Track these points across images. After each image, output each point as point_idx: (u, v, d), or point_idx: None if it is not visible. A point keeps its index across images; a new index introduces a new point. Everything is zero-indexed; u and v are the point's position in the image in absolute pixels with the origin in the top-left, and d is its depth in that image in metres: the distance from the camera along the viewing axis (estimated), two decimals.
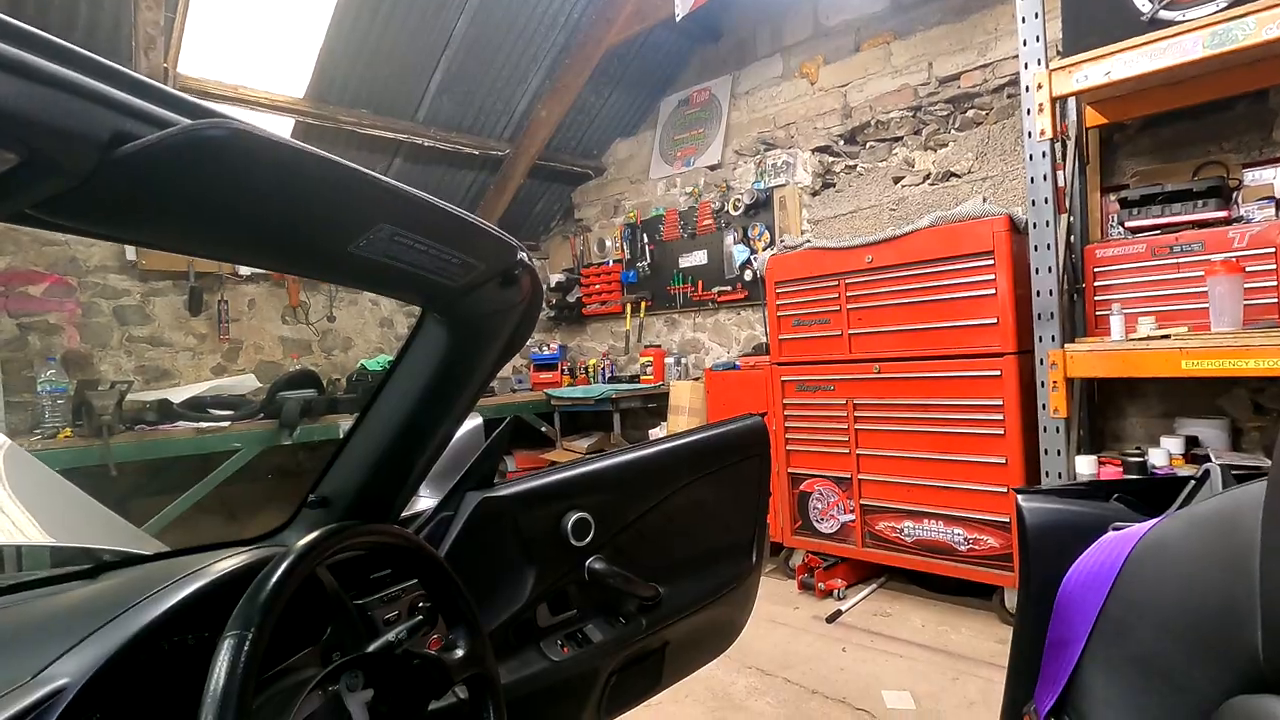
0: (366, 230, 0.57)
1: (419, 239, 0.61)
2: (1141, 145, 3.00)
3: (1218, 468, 0.75)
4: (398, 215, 0.58)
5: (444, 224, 0.64)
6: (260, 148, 0.46)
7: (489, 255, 0.70)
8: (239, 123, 0.45)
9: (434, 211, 0.62)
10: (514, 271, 0.74)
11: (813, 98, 4.24)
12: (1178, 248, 2.58)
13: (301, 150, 0.50)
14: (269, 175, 0.48)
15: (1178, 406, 2.89)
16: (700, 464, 1.55)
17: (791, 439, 3.38)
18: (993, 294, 2.70)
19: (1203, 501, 0.71)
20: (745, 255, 4.43)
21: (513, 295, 0.78)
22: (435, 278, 0.67)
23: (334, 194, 0.54)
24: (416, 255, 0.62)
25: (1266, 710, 0.58)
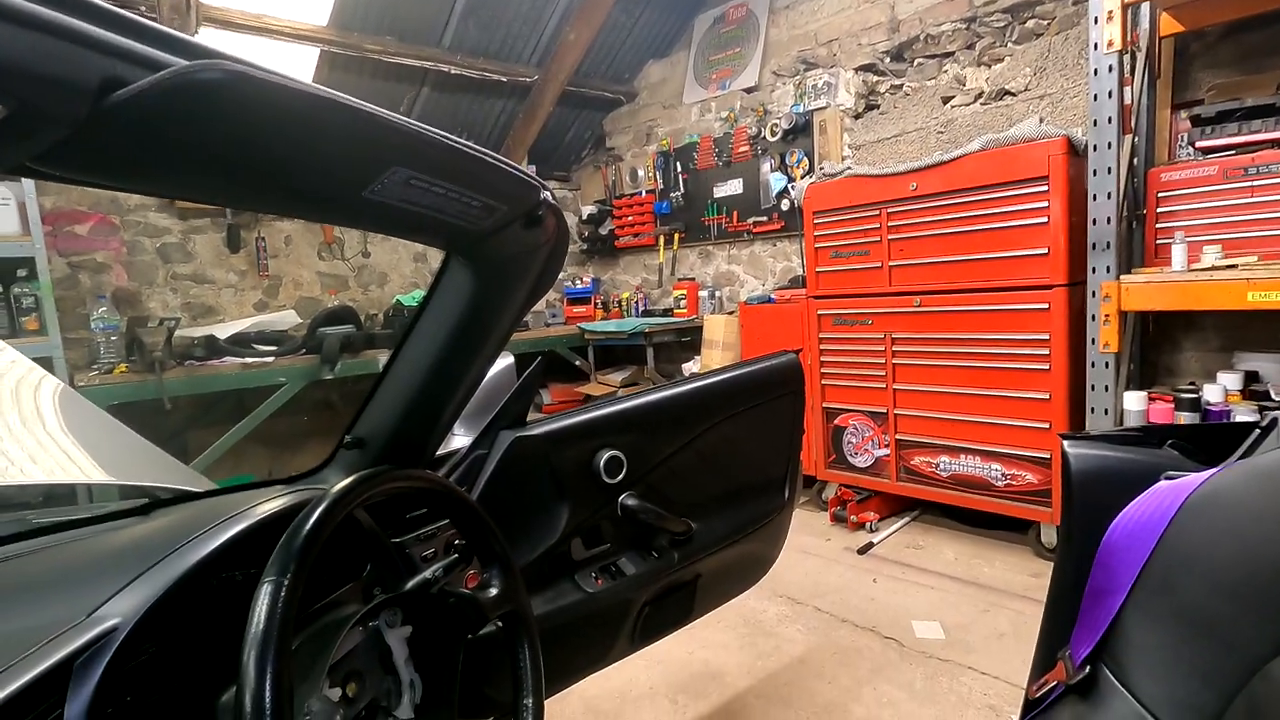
0: (381, 174, 0.54)
1: (437, 182, 0.58)
2: (1222, 55, 2.75)
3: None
4: (413, 158, 0.55)
5: (463, 165, 0.61)
6: (261, 90, 0.44)
7: (511, 196, 0.67)
8: (238, 63, 0.42)
9: (452, 153, 0.59)
10: (537, 212, 0.72)
11: (857, 10, 3.97)
12: (1254, 169, 2.39)
13: (307, 91, 0.47)
14: (272, 119, 0.46)
15: (1238, 340, 2.75)
16: (733, 402, 1.54)
17: (827, 373, 3.33)
18: (1044, 222, 2.56)
19: (1268, 453, 0.67)
20: (783, 184, 4.28)
21: (537, 236, 0.75)
22: (456, 221, 0.65)
23: (344, 137, 0.51)
24: (435, 199, 0.60)
25: None
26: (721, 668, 2.19)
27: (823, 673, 2.13)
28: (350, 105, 0.50)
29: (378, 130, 0.53)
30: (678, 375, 4.41)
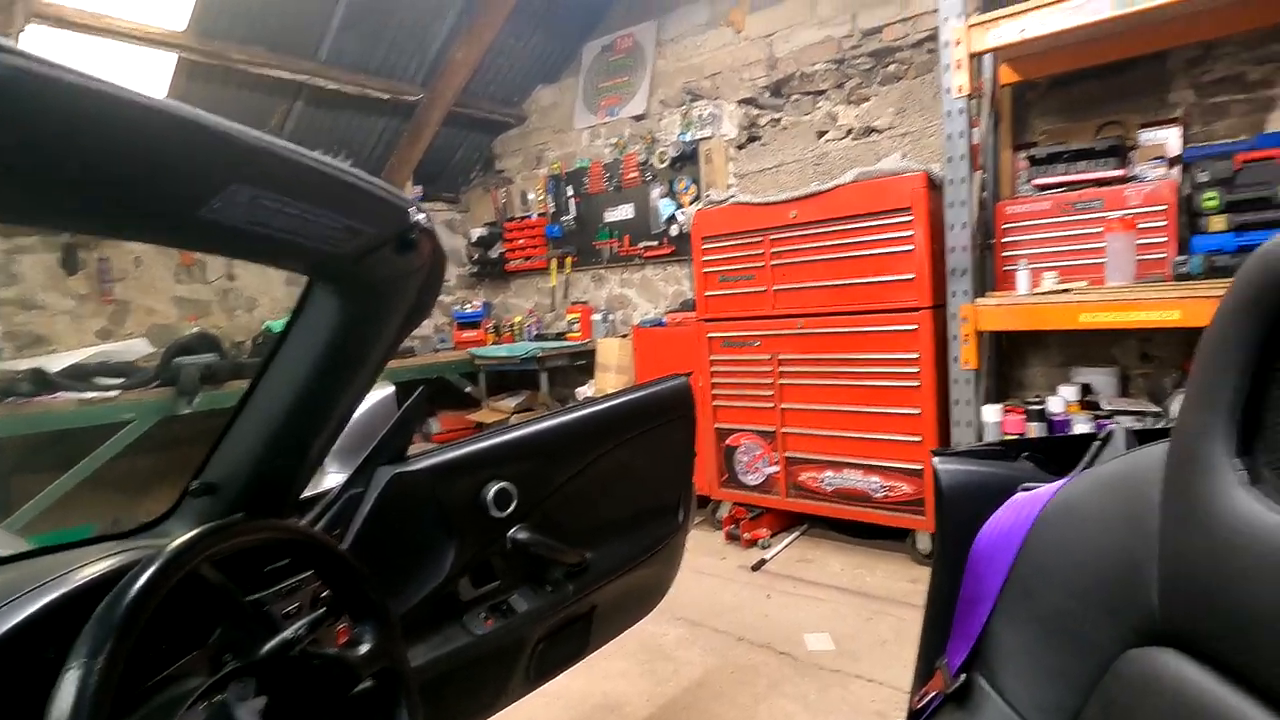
0: (218, 192, 0.48)
1: (290, 202, 0.53)
2: (1050, 104, 3.09)
3: (1121, 430, 0.78)
4: (259, 175, 0.50)
5: (321, 185, 0.55)
6: (57, 90, 0.37)
7: (378, 218, 0.62)
8: (25, 57, 0.36)
9: (308, 171, 0.53)
10: (410, 235, 0.67)
11: (738, 47, 4.16)
12: (1080, 205, 2.69)
13: (118, 95, 0.41)
14: (73, 125, 0.39)
15: (1076, 356, 3.07)
16: (625, 427, 1.52)
17: (719, 394, 3.41)
18: (911, 250, 2.76)
19: (1106, 463, 0.73)
20: (672, 209, 4.38)
21: (411, 260, 0.70)
22: (315, 245, 0.59)
23: (166, 148, 0.45)
24: (289, 220, 0.54)
25: (1160, 660, 0.60)
26: (622, 698, 2.15)
27: (722, 694, 2.13)
28: (173, 112, 0.44)
29: (211, 142, 0.47)
30: (572, 399, 4.38)
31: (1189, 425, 0.59)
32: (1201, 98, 2.75)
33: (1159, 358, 2.88)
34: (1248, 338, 0.54)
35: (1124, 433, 0.77)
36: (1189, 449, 0.59)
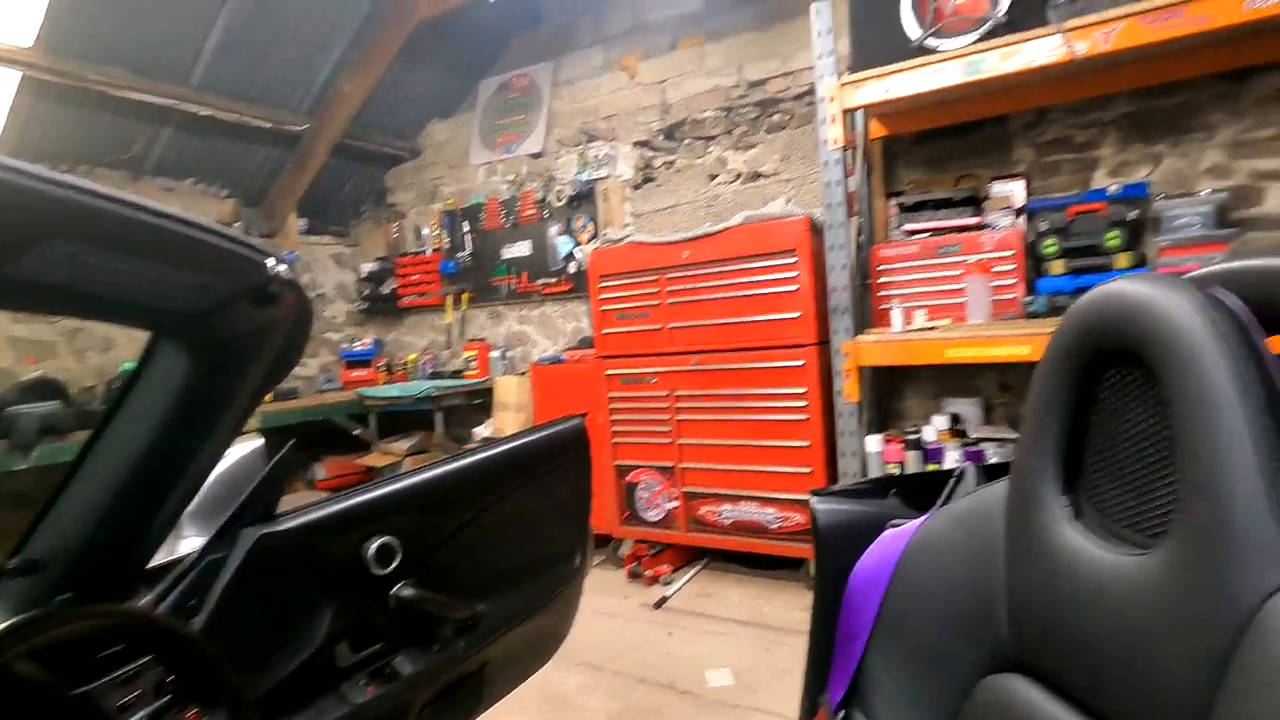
0: (25, 251, 0.43)
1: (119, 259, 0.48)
2: (916, 157, 3.38)
3: (971, 468, 0.84)
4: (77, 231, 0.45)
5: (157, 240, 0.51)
6: None
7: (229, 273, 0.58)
8: None
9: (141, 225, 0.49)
10: (267, 288, 0.63)
11: (633, 91, 4.29)
12: (943, 249, 2.94)
13: None
14: None
15: (946, 387, 3.31)
16: (519, 471, 1.49)
17: (618, 431, 3.41)
18: (796, 289, 2.90)
19: (960, 500, 0.79)
20: (570, 247, 4.40)
21: (272, 314, 0.66)
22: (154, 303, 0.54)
23: None
24: (121, 278, 0.50)
25: (1011, 686, 0.65)
26: None
27: None
28: None
29: (10, 196, 0.42)
30: (469, 439, 4.25)
31: (1022, 464, 0.65)
32: (1039, 156, 3.09)
33: (1016, 388, 3.16)
34: (1067, 385, 0.60)
35: (974, 470, 0.84)
36: (1023, 487, 0.64)
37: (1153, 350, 0.49)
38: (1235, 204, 2.67)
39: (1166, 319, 0.48)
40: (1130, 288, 0.52)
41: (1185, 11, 2.14)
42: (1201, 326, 0.47)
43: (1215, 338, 0.46)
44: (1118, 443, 0.56)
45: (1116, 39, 2.23)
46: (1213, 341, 0.46)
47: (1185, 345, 0.47)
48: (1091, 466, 0.59)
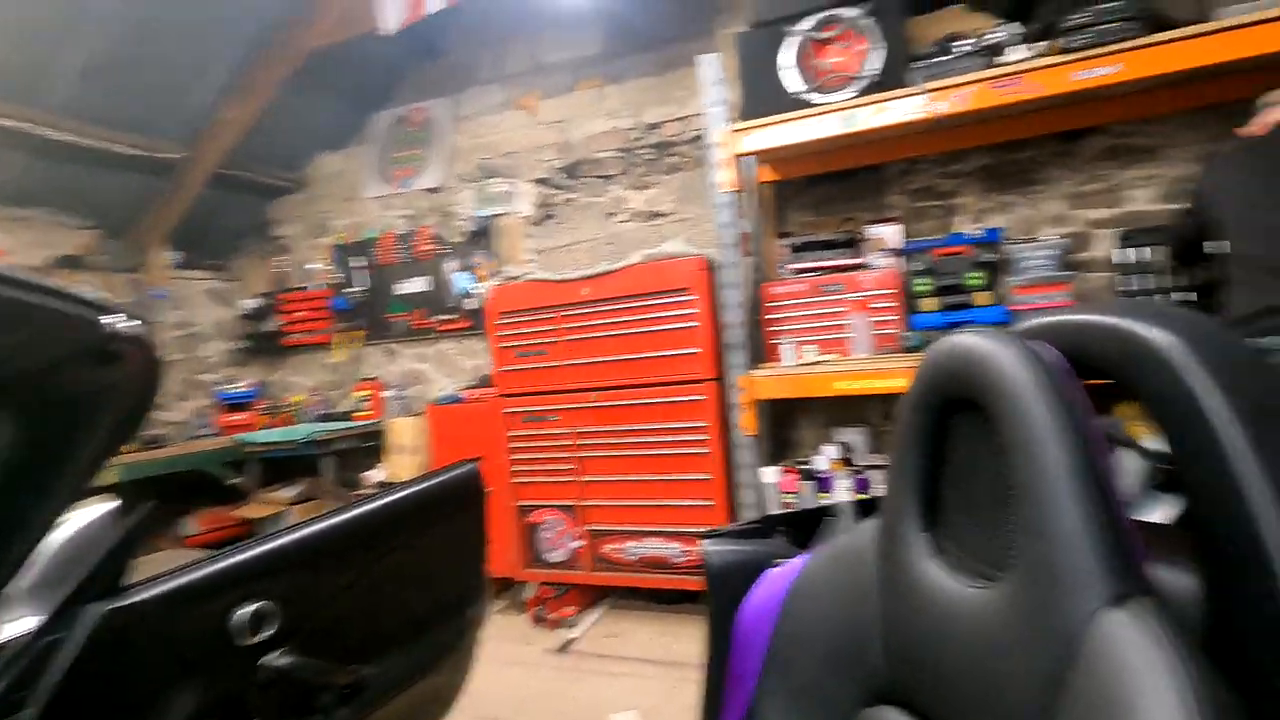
0: None
1: None
2: (803, 200, 3.58)
3: (848, 504, 0.89)
4: None
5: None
6: None
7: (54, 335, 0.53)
8: None
9: None
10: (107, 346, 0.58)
11: (533, 130, 4.32)
12: (828, 287, 3.12)
13: None
14: None
15: (836, 418, 3.48)
16: (412, 520, 1.42)
17: (519, 470, 3.35)
18: (695, 326, 2.98)
19: (837, 537, 0.82)
20: (468, 283, 4.33)
21: (113, 373, 0.61)
22: None
23: None
24: None
25: (884, 717, 0.67)
26: None
27: None
28: None
29: None
30: (361, 485, 4.03)
31: (889, 502, 0.69)
32: (910, 202, 3.36)
33: None
34: (923, 429, 0.65)
35: (850, 507, 0.88)
36: (890, 524, 0.68)
37: (988, 398, 0.54)
38: (1073, 248, 3.00)
39: (998, 370, 0.53)
40: (968, 341, 0.57)
41: (1024, 79, 2.41)
42: (1026, 377, 0.52)
43: (1037, 387, 0.51)
44: (969, 482, 0.61)
45: (971, 100, 2.48)
46: (1035, 390, 0.51)
47: (1013, 394, 0.52)
48: (948, 504, 0.64)
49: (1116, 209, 3.00)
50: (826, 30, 2.66)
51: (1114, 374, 0.56)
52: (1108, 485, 0.48)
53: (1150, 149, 2.94)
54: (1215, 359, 0.50)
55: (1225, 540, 0.48)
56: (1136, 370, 0.53)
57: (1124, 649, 0.41)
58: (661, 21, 3.91)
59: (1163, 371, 0.51)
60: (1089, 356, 0.57)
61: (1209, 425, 0.49)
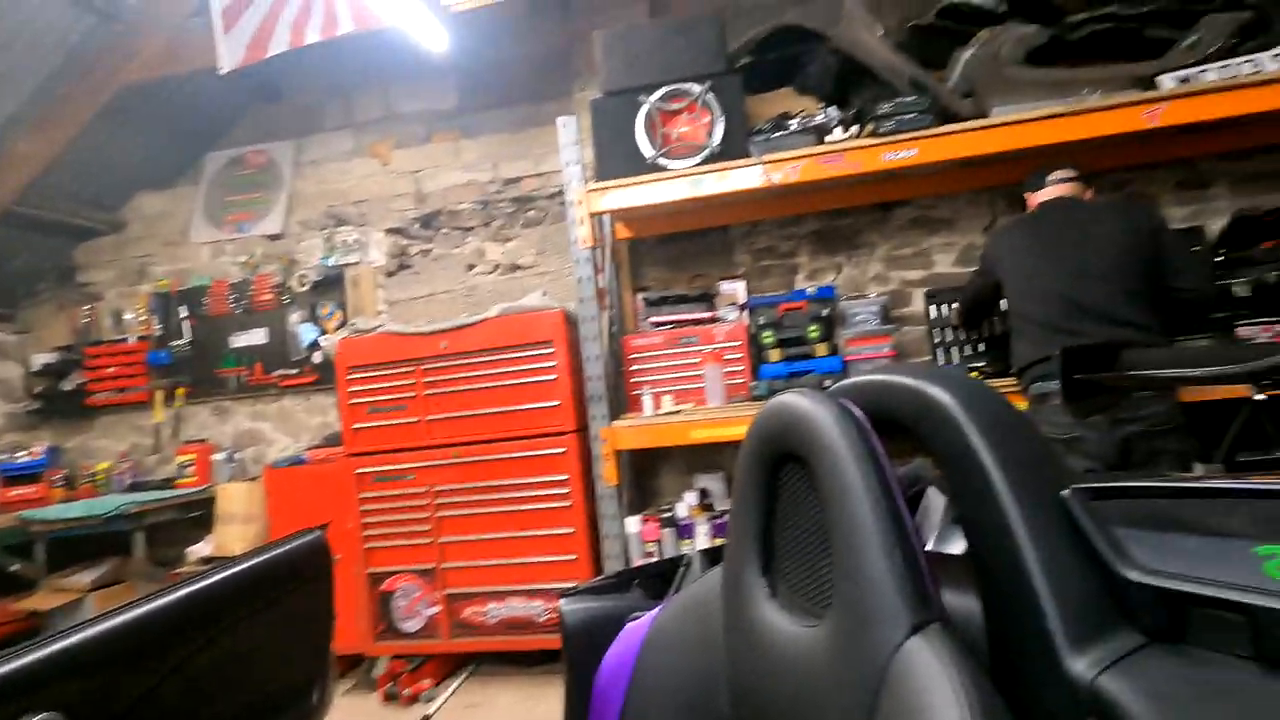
0: None
1: None
2: (657, 257, 3.75)
3: (697, 554, 0.93)
4: None
5: None
6: None
7: None
8: None
9: None
10: None
11: (386, 178, 4.21)
12: (684, 340, 3.27)
13: None
14: None
15: (695, 465, 3.60)
16: (241, 602, 1.29)
17: (371, 535, 3.13)
18: (555, 379, 2.99)
19: (687, 586, 0.86)
20: (315, 335, 4.06)
21: None
22: None
23: None
24: None
25: None
26: None
27: None
28: None
29: None
30: (182, 562, 3.57)
31: (730, 550, 0.73)
32: (755, 260, 3.63)
33: None
34: (758, 480, 0.70)
35: (699, 556, 0.92)
36: (733, 570, 0.73)
37: (808, 453, 0.61)
38: (893, 305, 3.37)
39: (816, 428, 0.60)
40: (791, 401, 0.64)
41: (845, 157, 2.72)
42: (838, 433, 0.58)
43: (847, 442, 0.58)
44: (797, 529, 0.66)
45: (801, 172, 2.75)
46: (845, 445, 0.58)
47: (828, 448, 0.58)
48: (781, 550, 0.69)
49: (925, 270, 3.43)
50: (674, 102, 2.86)
51: (910, 427, 0.65)
52: (905, 528, 0.55)
53: (949, 220, 3.41)
54: (984, 416, 0.60)
55: (998, 570, 0.56)
56: (926, 424, 0.62)
57: (919, 675, 0.47)
58: (519, 81, 4.01)
59: (945, 426, 0.60)
60: (889, 412, 0.65)
61: (983, 471, 0.58)
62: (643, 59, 2.89)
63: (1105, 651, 0.49)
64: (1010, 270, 2.43)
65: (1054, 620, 0.51)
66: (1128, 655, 0.48)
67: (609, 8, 3.66)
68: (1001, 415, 0.61)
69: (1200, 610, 0.47)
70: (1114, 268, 2.22)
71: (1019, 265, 2.40)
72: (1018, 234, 2.47)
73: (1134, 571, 0.50)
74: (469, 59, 3.93)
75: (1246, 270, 2.72)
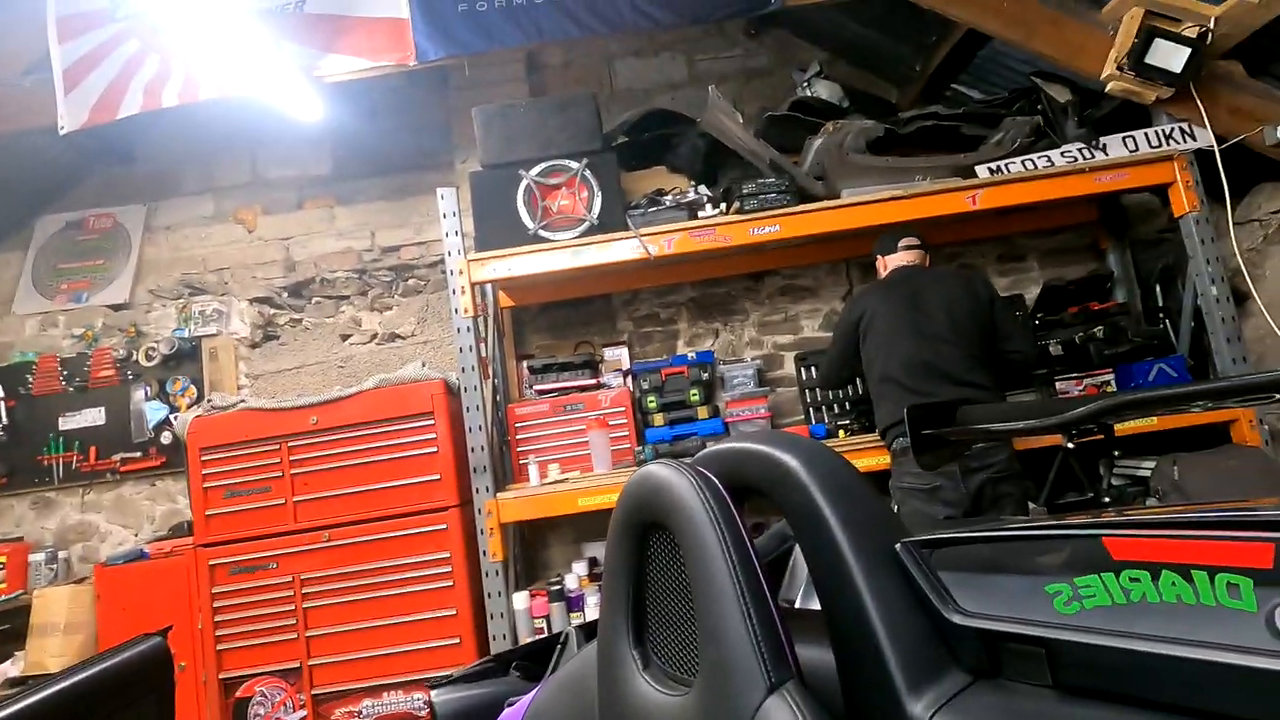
0: None
1: None
2: (540, 325, 3.77)
3: (574, 630, 0.92)
4: None
5: None
6: None
7: None
8: None
9: None
10: None
11: (251, 245, 3.99)
12: (569, 407, 3.27)
13: None
14: None
15: (583, 533, 3.55)
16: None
17: (224, 635, 2.81)
18: (435, 451, 2.89)
19: (565, 664, 0.85)
20: (163, 414, 3.70)
21: None
22: None
23: None
24: None
25: None
26: None
27: None
28: None
29: None
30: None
31: (604, 622, 0.73)
32: (637, 327, 3.74)
33: None
34: (627, 550, 0.72)
35: (576, 633, 0.91)
36: (606, 644, 0.73)
37: (672, 520, 0.63)
38: (767, 368, 3.57)
39: (677, 495, 0.63)
40: (655, 471, 0.67)
41: (716, 230, 2.90)
42: (698, 502, 0.61)
43: (705, 509, 0.61)
44: (667, 597, 0.68)
45: (676, 245, 2.89)
46: (704, 512, 0.60)
47: (689, 516, 0.61)
48: (652, 619, 0.70)
49: (794, 335, 3.67)
50: (553, 177, 2.95)
51: (765, 491, 0.69)
52: (761, 589, 0.58)
53: (812, 288, 3.69)
54: (828, 478, 0.65)
55: (845, 622, 0.60)
56: (779, 488, 0.67)
57: None
58: (399, 150, 3.99)
59: (795, 489, 0.65)
60: (746, 478, 0.69)
61: (828, 529, 0.62)
62: (521, 135, 2.97)
63: (938, 693, 0.53)
64: (872, 337, 2.61)
65: (894, 667, 0.55)
66: (957, 695, 0.53)
67: (488, 84, 3.77)
68: (843, 477, 0.66)
69: (1010, 646, 0.53)
70: (959, 334, 2.48)
71: (879, 333, 2.58)
72: (877, 301, 2.62)
73: (957, 615, 0.56)
74: (346, 126, 3.88)
75: (1059, 332, 3.13)
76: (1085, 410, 1.15)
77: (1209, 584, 0.45)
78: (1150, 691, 0.46)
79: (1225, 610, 0.44)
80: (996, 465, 2.35)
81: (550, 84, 4.04)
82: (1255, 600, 0.43)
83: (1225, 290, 2.77)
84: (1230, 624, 0.44)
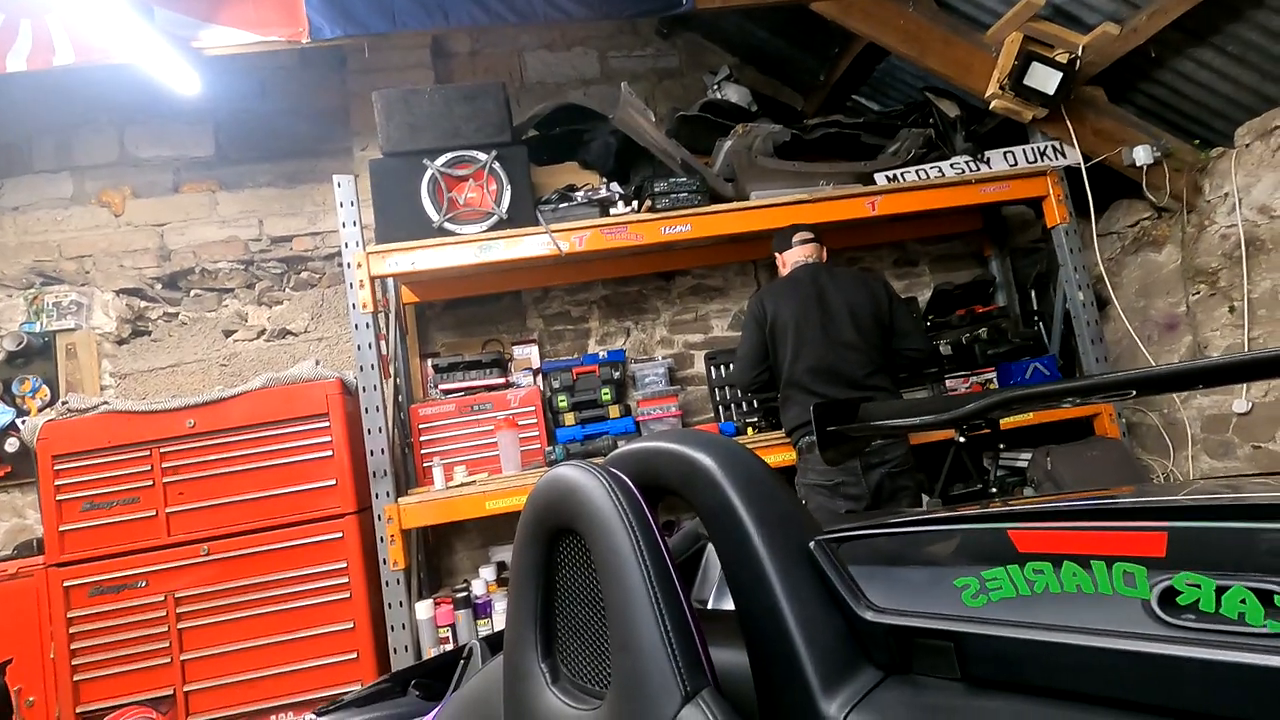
0: None
1: None
2: (446, 322, 3.63)
3: (478, 644, 0.87)
4: None
5: None
6: None
7: None
8: None
9: None
10: None
11: (118, 231, 3.62)
12: (477, 407, 3.16)
13: None
14: None
15: (492, 536, 3.45)
16: None
17: (82, 664, 2.53)
18: (330, 455, 2.71)
19: (469, 681, 0.79)
20: (9, 418, 3.29)
21: None
22: None
23: None
24: None
25: None
26: None
27: None
28: None
29: None
30: None
31: (510, 635, 0.69)
32: (547, 325, 3.67)
33: None
34: (535, 558, 0.68)
35: (480, 645, 0.86)
36: (513, 657, 0.68)
37: (582, 524, 0.60)
38: (678, 366, 3.59)
39: (587, 497, 0.59)
40: (565, 473, 0.63)
41: (628, 229, 2.88)
42: (610, 504, 0.58)
43: (618, 511, 0.58)
44: (577, 605, 0.64)
45: (587, 242, 2.86)
46: (616, 515, 0.57)
47: (601, 519, 0.58)
48: (562, 629, 0.67)
49: (704, 334, 3.71)
50: (460, 168, 2.84)
51: (678, 491, 0.67)
52: (675, 594, 0.55)
53: (721, 288, 3.75)
54: (741, 476, 0.63)
55: (759, 622, 0.59)
56: (692, 487, 0.65)
57: None
58: (292, 134, 3.73)
59: (709, 487, 0.63)
60: (659, 478, 0.67)
61: (742, 527, 0.61)
62: (426, 123, 2.84)
63: (851, 691, 0.53)
64: (779, 341, 2.63)
65: (809, 667, 0.54)
66: (869, 692, 0.53)
67: (390, 69, 3.60)
68: (757, 475, 0.65)
69: (920, 641, 0.53)
70: (863, 338, 2.56)
71: (786, 337, 2.61)
72: (782, 303, 2.63)
73: (869, 612, 0.55)
74: (232, 105, 3.60)
75: (948, 333, 3.32)
76: (977, 405, 1.21)
77: (1106, 573, 0.46)
78: (1052, 680, 0.47)
79: (1120, 598, 0.45)
80: (894, 460, 2.46)
81: (457, 73, 3.90)
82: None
83: (1090, 296, 3.03)
84: (1122, 611, 0.45)
